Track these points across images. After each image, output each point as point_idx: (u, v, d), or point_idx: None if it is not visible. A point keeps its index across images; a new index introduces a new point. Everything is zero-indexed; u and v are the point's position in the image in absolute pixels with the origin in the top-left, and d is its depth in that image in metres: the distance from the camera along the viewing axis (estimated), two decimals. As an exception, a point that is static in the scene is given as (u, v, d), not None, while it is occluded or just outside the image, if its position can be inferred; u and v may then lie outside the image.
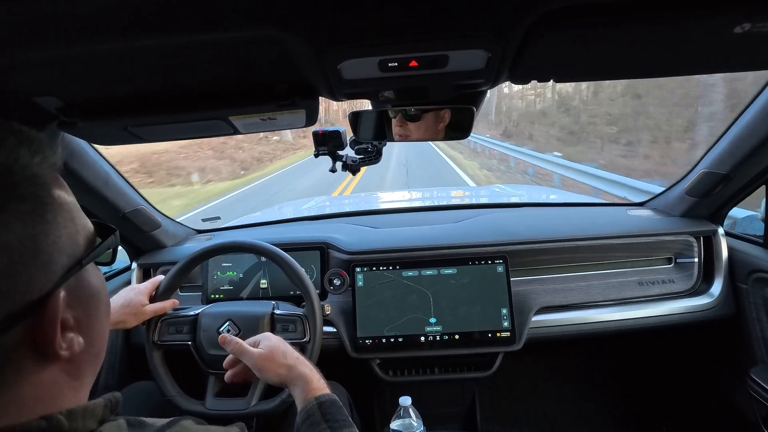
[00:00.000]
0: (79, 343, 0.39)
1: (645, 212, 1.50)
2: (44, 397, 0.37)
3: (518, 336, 1.23)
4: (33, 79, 0.63)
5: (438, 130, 0.91)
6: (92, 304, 0.42)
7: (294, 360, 0.80)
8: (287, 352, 0.81)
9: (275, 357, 0.79)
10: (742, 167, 1.13)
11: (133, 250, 1.44)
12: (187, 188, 11.75)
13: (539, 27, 0.53)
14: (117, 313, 1.00)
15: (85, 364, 0.41)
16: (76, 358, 0.39)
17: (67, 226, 0.38)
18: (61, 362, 0.38)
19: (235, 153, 17.21)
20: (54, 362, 0.37)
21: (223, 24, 0.50)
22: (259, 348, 0.81)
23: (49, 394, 0.37)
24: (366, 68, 0.62)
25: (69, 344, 0.38)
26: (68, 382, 0.39)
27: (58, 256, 0.37)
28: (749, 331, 1.26)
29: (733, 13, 0.51)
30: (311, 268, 1.37)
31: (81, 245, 0.40)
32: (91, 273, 0.42)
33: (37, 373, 0.36)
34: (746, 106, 1.05)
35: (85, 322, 0.40)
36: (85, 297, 0.41)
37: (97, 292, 0.42)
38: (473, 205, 1.82)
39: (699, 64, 0.72)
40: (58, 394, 0.38)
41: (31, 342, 0.35)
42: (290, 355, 0.81)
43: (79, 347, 0.39)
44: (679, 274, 1.35)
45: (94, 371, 0.44)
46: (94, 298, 0.42)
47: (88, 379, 0.43)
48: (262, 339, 0.84)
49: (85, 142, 1.00)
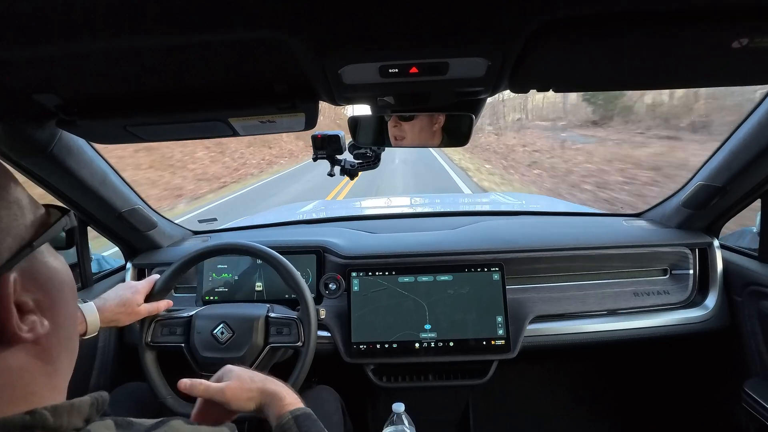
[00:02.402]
0: (44, 325, 0.39)
1: (641, 223, 1.50)
2: (15, 383, 0.37)
3: (513, 344, 1.23)
4: (33, 76, 0.63)
5: (434, 132, 0.91)
6: (53, 286, 0.41)
7: (262, 380, 0.79)
8: (253, 376, 0.80)
9: (243, 383, 0.77)
10: (738, 180, 1.14)
11: (128, 250, 1.44)
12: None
13: (539, 36, 0.54)
14: (111, 312, 0.99)
15: (55, 348, 0.41)
16: (42, 340, 0.39)
17: (10, 207, 0.38)
18: (27, 345, 0.38)
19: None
20: (17, 346, 0.37)
21: (226, 25, 0.50)
22: (225, 381, 0.79)
23: (19, 379, 0.37)
24: (366, 73, 0.62)
25: (31, 327, 0.38)
26: (40, 366, 0.39)
27: (2, 239, 0.36)
28: (743, 343, 1.26)
29: (731, 28, 0.52)
30: (307, 271, 1.37)
31: (29, 228, 0.39)
32: (48, 255, 0.42)
33: (2, 358, 0.36)
34: (743, 119, 1.06)
35: (48, 305, 0.40)
36: (43, 279, 0.40)
37: (56, 273, 0.42)
38: (471, 212, 1.82)
39: (697, 77, 0.72)
40: (29, 379, 0.38)
41: None
42: (257, 377, 0.79)
43: (44, 330, 0.39)
44: (675, 285, 1.36)
45: (71, 357, 0.44)
46: (55, 279, 0.42)
47: (62, 364, 0.42)
48: (224, 373, 0.81)
49: (83, 140, 1.00)
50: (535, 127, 21.33)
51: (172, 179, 11.51)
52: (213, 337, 1.07)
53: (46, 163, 0.94)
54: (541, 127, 20.80)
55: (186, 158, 13.30)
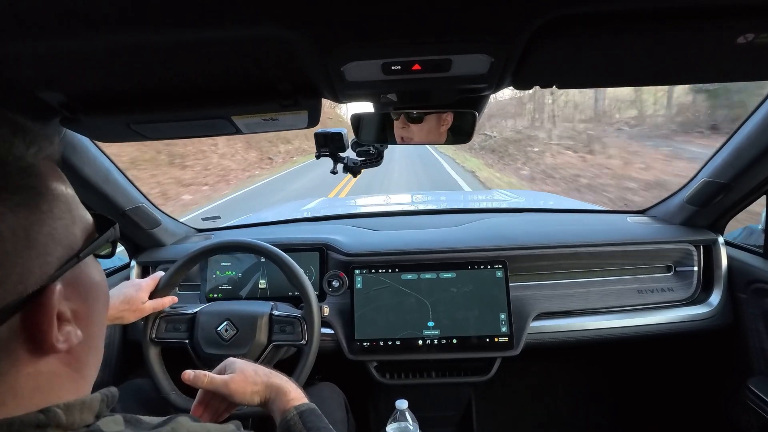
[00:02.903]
0: (78, 335, 0.39)
1: (645, 220, 1.50)
2: (43, 388, 0.37)
3: (516, 341, 1.23)
4: (37, 73, 0.63)
5: (440, 132, 0.91)
6: (91, 297, 0.41)
7: (267, 375, 0.78)
8: (257, 369, 0.79)
9: (247, 376, 0.77)
10: (743, 177, 1.13)
11: (132, 248, 1.44)
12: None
13: (543, 33, 0.53)
14: (116, 309, 1.00)
15: (84, 357, 0.41)
16: (74, 350, 0.39)
17: (64, 217, 0.38)
18: (60, 354, 0.38)
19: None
20: (51, 354, 0.37)
21: (229, 21, 0.50)
22: (229, 374, 0.78)
23: (48, 385, 0.37)
24: (369, 70, 0.62)
25: (66, 337, 0.38)
26: (68, 374, 0.39)
27: (53, 248, 0.36)
28: (747, 341, 1.26)
29: (736, 23, 0.51)
30: (310, 269, 1.37)
31: (79, 237, 0.40)
32: (91, 266, 0.42)
33: (34, 365, 0.36)
34: (748, 116, 1.06)
35: (84, 315, 0.40)
36: (84, 290, 0.40)
37: (96, 285, 0.42)
38: (474, 209, 1.81)
39: (702, 73, 0.72)
40: (57, 386, 0.38)
41: (27, 334, 0.35)
42: (261, 371, 0.79)
43: (77, 340, 0.39)
44: (678, 282, 1.35)
45: (96, 364, 0.44)
46: (93, 291, 0.42)
47: (89, 372, 0.43)
48: (228, 365, 0.81)
49: (86, 138, 1.00)
50: (618, 134, 14.70)
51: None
52: (217, 334, 1.07)
53: None
54: (627, 134, 14.27)
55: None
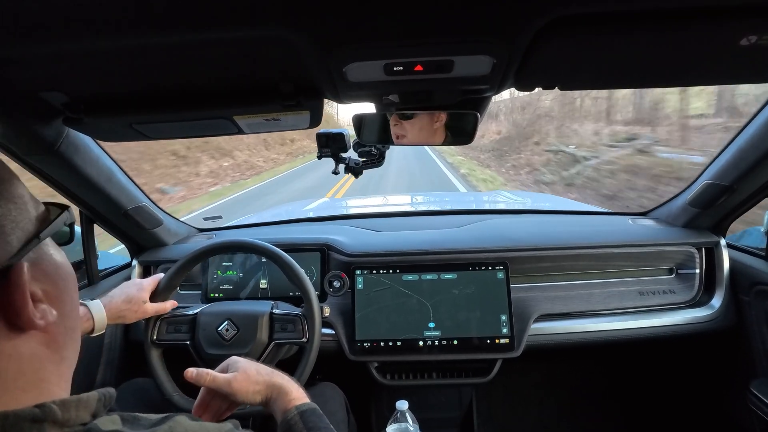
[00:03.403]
0: (53, 314, 0.41)
1: (647, 222, 1.49)
2: (26, 370, 0.39)
3: (517, 343, 1.23)
4: (40, 74, 0.64)
5: (435, 130, 0.91)
6: (59, 278, 0.44)
7: (269, 374, 0.79)
8: (259, 368, 0.80)
9: (250, 376, 0.77)
10: (746, 179, 1.13)
11: (134, 248, 1.44)
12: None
13: (545, 34, 0.53)
14: (117, 308, 1.00)
15: (62, 337, 0.43)
16: (51, 329, 0.41)
17: (16, 201, 0.40)
18: (38, 333, 0.40)
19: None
20: (29, 333, 0.39)
21: (232, 22, 0.50)
22: (231, 372, 0.79)
23: (29, 366, 0.39)
24: (371, 71, 0.62)
25: (42, 314, 0.40)
26: (48, 354, 0.41)
27: (12, 230, 0.38)
28: (750, 344, 1.25)
29: (739, 25, 0.51)
30: (311, 269, 1.37)
31: (34, 222, 0.42)
32: (51, 248, 0.44)
33: (14, 345, 0.38)
34: (751, 117, 1.05)
35: (55, 295, 0.42)
36: (50, 270, 0.43)
37: (61, 265, 0.44)
38: (475, 210, 1.81)
39: (705, 75, 0.72)
40: (39, 366, 0.40)
41: (2, 312, 0.37)
42: (263, 370, 0.79)
43: (53, 318, 0.41)
44: (681, 284, 1.35)
45: (75, 346, 0.46)
46: (60, 271, 0.44)
47: (68, 353, 0.44)
48: (231, 363, 0.81)
49: (89, 138, 1.01)
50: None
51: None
52: (218, 334, 1.07)
53: (54, 161, 0.95)
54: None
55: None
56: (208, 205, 9.04)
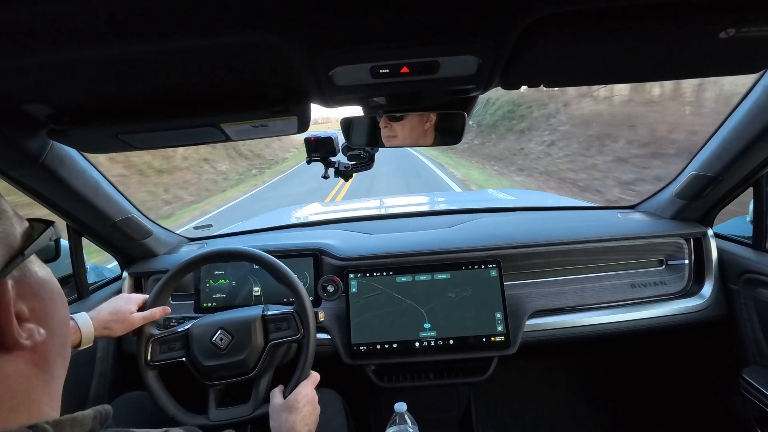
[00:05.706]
0: (41, 333, 0.40)
1: (636, 215, 1.51)
2: (15, 390, 0.38)
3: (513, 340, 1.23)
4: (22, 85, 0.63)
5: (425, 131, 0.92)
6: (44, 294, 0.43)
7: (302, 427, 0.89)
8: (308, 420, 0.92)
9: (289, 416, 0.90)
10: (731, 170, 1.15)
11: (124, 259, 1.43)
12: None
13: (530, 34, 0.54)
14: (104, 321, 0.99)
15: (51, 355, 0.42)
16: (40, 348, 0.40)
17: (1, 220, 0.39)
18: (26, 353, 0.39)
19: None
20: (16, 353, 0.38)
21: (217, 29, 0.50)
22: (292, 401, 0.93)
23: (18, 387, 0.38)
24: (358, 74, 0.62)
25: (29, 334, 0.39)
26: (37, 374, 0.40)
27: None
28: (741, 331, 1.27)
29: (718, 19, 0.52)
30: (304, 274, 1.37)
31: (18, 239, 0.41)
32: (36, 265, 0.44)
33: (1, 365, 0.37)
34: (733, 108, 1.07)
35: (42, 312, 0.42)
36: (36, 287, 0.42)
37: (46, 282, 0.44)
38: (466, 210, 1.82)
39: (686, 69, 0.73)
40: (28, 387, 0.39)
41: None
42: (299, 424, 0.90)
43: (41, 337, 0.40)
44: (671, 276, 1.36)
45: (64, 364, 0.45)
46: (45, 288, 0.43)
47: (57, 372, 0.43)
48: (302, 397, 0.94)
49: (74, 150, 0.99)
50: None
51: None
52: (213, 345, 1.06)
53: (39, 174, 0.93)
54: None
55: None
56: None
